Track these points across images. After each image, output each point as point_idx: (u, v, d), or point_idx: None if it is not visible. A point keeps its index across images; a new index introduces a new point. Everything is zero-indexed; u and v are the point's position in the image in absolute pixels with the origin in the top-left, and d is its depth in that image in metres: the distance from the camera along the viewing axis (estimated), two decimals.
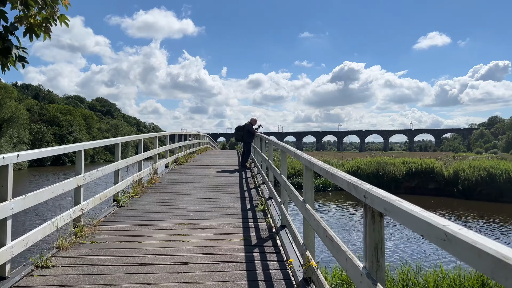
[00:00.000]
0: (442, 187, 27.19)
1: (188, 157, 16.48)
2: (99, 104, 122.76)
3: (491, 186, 24.69)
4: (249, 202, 6.97)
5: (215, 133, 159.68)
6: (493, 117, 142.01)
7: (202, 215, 5.99)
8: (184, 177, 10.68)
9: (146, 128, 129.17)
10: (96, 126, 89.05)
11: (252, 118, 13.61)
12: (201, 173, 11.71)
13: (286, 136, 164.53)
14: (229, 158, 18.14)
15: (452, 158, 36.23)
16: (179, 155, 14.77)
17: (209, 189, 8.50)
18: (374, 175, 29.02)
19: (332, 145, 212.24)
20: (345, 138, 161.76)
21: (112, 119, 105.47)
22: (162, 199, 7.29)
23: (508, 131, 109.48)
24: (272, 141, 6.75)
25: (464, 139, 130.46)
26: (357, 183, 1.96)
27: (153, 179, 9.49)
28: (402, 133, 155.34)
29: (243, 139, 13.39)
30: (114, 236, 4.79)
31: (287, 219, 4.60)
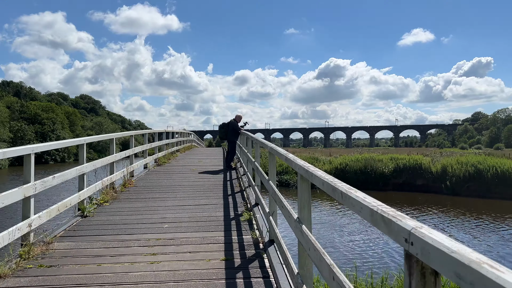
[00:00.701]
0: (430, 183, 26.94)
1: (170, 156, 15.61)
2: (83, 101, 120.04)
3: (479, 182, 24.50)
4: (233, 209, 6.20)
5: (202, 130, 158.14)
6: (477, 113, 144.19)
7: (178, 227, 5.21)
8: (163, 179, 9.85)
9: (131, 126, 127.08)
10: (80, 123, 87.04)
11: (237, 115, 12.77)
12: (182, 174, 10.87)
13: (273, 133, 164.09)
14: (214, 157, 17.28)
15: (440, 154, 36.09)
16: (160, 155, 13.91)
17: (189, 194, 7.72)
18: (362, 172, 28.64)
19: (319, 141, 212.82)
20: (332, 134, 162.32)
21: (97, 117, 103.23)
22: (134, 207, 6.49)
23: (491, 127, 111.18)
24: (259, 140, 6.01)
25: (449, 134, 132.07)
26: (390, 214, 1.23)
27: (127, 183, 8.61)
28: (388, 129, 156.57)
29: (228, 137, 12.61)
30: (69, 257, 4.00)
31: (276, 233, 3.86)
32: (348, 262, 10.37)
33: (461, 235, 15.24)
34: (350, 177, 28.49)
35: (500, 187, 23.65)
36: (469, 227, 16.93)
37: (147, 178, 10.05)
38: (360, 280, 6.40)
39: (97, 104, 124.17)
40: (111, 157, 7.92)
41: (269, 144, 4.56)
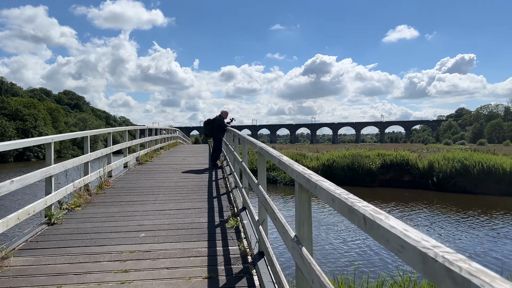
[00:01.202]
0: (417, 179, 26.91)
1: (152, 154, 14.93)
2: (66, 97, 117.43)
3: (465, 178, 24.52)
4: (219, 214, 5.62)
5: (188, 126, 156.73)
6: (460, 109, 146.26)
7: (157, 236, 4.63)
8: (144, 180, 9.20)
9: (116, 122, 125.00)
10: (63, 120, 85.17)
11: (223, 110, 12.13)
12: (165, 174, 10.24)
13: (260, 129, 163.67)
14: (199, 154, 16.60)
15: (426, 150, 36.17)
16: (141, 153, 13.20)
17: (171, 197, 7.10)
18: (349, 168, 28.42)
19: (306, 137, 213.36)
20: (318, 130, 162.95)
21: (80, 113, 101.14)
22: (109, 212, 5.88)
23: (474, 123, 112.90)
24: (247, 139, 5.44)
25: (433, 130, 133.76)
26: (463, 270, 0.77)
27: (104, 184, 7.97)
28: (374, 125, 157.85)
29: (213, 134, 11.98)
30: (25, 277, 3.40)
31: (267, 246, 3.33)
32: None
33: (448, 230, 15.08)
34: (337, 174, 28.26)
35: (486, 183, 23.69)
36: (456, 223, 16.81)
37: (127, 179, 9.42)
38: None
39: (81, 100, 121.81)
40: (85, 156, 7.25)
41: (259, 144, 3.96)
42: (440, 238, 13.92)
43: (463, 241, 13.59)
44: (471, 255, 11.94)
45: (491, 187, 23.56)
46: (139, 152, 13.05)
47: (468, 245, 13.11)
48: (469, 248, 12.64)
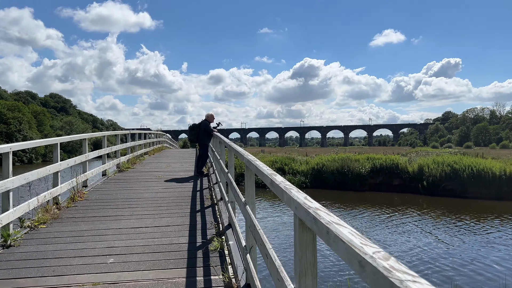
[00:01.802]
0: (407, 183, 26.70)
1: (135, 160, 14.18)
2: (53, 100, 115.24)
3: (455, 181, 24.36)
4: (201, 232, 5.01)
5: (176, 130, 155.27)
6: (447, 113, 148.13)
7: (128, 262, 3.96)
8: (122, 190, 8.49)
9: (103, 125, 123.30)
10: (49, 123, 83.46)
11: (208, 114, 11.25)
12: (146, 183, 9.54)
13: (249, 133, 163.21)
14: (185, 160, 15.90)
15: (415, 153, 36.04)
16: (122, 159, 12.44)
17: (150, 210, 6.44)
18: (339, 172, 28.04)
19: (294, 140, 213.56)
20: (307, 134, 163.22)
21: (67, 116, 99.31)
22: (77, 231, 5.20)
23: (461, 126, 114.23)
24: (233, 147, 4.73)
25: (421, 133, 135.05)
26: None
27: (77, 196, 7.22)
28: (362, 128, 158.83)
29: (199, 140, 11.21)
30: None
31: (254, 279, 2.74)
32: None
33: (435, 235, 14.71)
34: (327, 178, 27.84)
35: (476, 187, 23.53)
36: (447, 228, 16.48)
37: (103, 189, 8.70)
38: None
39: (67, 103, 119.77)
40: (53, 166, 6.45)
41: (247, 155, 3.39)
42: (430, 244, 13.53)
43: (455, 247, 13.22)
44: (464, 262, 11.56)
45: (481, 191, 23.39)
46: (119, 159, 12.28)
47: (460, 251, 12.73)
48: (460, 255, 12.26)
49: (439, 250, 12.73)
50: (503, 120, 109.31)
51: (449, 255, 12.25)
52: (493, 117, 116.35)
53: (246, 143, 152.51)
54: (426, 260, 11.63)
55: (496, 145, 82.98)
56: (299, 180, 28.12)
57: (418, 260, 11.55)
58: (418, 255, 12.09)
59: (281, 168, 30.04)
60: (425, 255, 12.11)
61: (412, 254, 12.24)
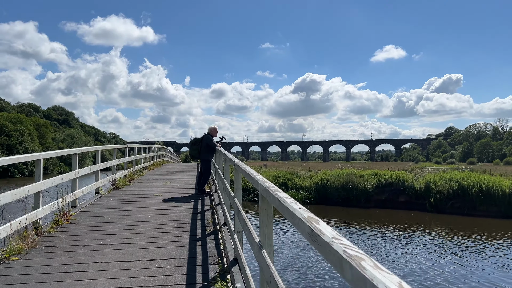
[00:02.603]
0: (413, 200, 26.14)
1: (132, 176, 13.50)
2: (55, 112, 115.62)
3: (463, 199, 23.81)
4: (201, 269, 4.34)
5: (178, 143, 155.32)
6: (450, 128, 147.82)
7: None
8: (114, 211, 7.65)
9: (105, 138, 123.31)
10: (50, 136, 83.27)
11: (211, 127, 10.48)
12: (141, 203, 8.69)
13: (251, 146, 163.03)
14: (185, 176, 15.22)
15: (421, 169, 35.54)
16: (118, 175, 11.69)
17: (143, 238, 5.65)
18: (344, 188, 27.52)
19: (296, 154, 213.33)
20: (309, 148, 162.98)
21: (69, 129, 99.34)
22: (53, 265, 4.45)
23: (464, 142, 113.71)
24: (244, 169, 3.82)
25: (423, 149, 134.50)
26: None
27: (62, 219, 6.40)
28: (364, 143, 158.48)
29: (201, 155, 10.31)
30: None
31: None
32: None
33: (447, 257, 14.14)
34: (331, 194, 27.34)
35: (485, 205, 23.00)
36: (457, 248, 15.91)
37: (94, 209, 7.89)
38: None
39: (70, 116, 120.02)
40: (33, 186, 5.60)
41: (262, 181, 2.58)
42: (445, 266, 12.97)
43: (471, 270, 12.64)
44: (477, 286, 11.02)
45: (491, 209, 22.86)
46: (115, 175, 11.50)
47: (476, 274, 12.16)
48: (477, 279, 11.70)
49: (455, 273, 12.17)
50: (506, 136, 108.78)
51: (465, 278, 11.71)
52: (496, 133, 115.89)
53: (248, 156, 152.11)
54: (444, 285, 11.08)
55: (500, 161, 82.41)
56: (302, 195, 27.63)
57: (436, 286, 11.01)
58: (434, 279, 11.55)
59: (284, 183, 29.58)
60: (441, 278, 11.57)
61: (428, 278, 11.69)
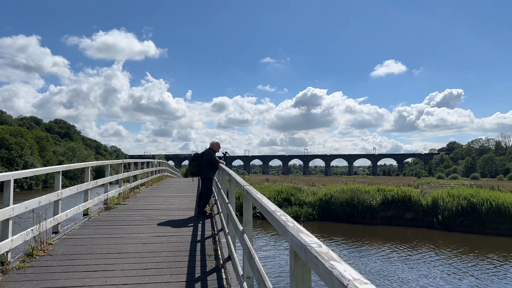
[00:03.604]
0: (420, 217, 25.43)
1: (128, 194, 12.51)
2: (57, 126, 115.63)
3: (472, 216, 23.07)
4: None
5: (180, 156, 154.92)
6: (452, 143, 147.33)
7: None
8: (101, 238, 6.62)
9: (106, 151, 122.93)
10: (51, 149, 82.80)
11: (213, 141, 9.51)
12: (134, 227, 7.71)
13: (252, 160, 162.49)
14: (185, 193, 14.23)
15: (427, 185, 34.86)
16: (111, 194, 10.67)
17: (129, 277, 4.70)
18: (348, 204, 26.80)
19: (298, 168, 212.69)
20: (311, 162, 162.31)
21: (70, 142, 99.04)
22: None
23: (466, 157, 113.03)
24: (257, 199, 2.97)
25: (425, 163, 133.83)
26: None
27: (37, 250, 5.49)
28: (366, 157, 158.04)
29: (201, 172, 9.29)
30: None
31: None
32: None
33: (462, 279, 13.40)
34: (335, 210, 26.61)
35: (496, 222, 22.27)
36: (469, 269, 15.15)
37: (78, 236, 6.79)
38: None
39: (71, 129, 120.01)
40: (1, 212, 4.85)
41: (296, 231, 1.82)
42: None
43: None
44: None
45: (501, 227, 22.13)
46: (107, 194, 10.47)
47: None
48: None
49: None
50: (509, 151, 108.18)
51: None
52: (499, 148, 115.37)
53: (249, 170, 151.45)
54: None
55: (504, 176, 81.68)
56: (306, 211, 26.94)
57: None
58: None
59: (287, 198, 28.90)
60: None
61: None
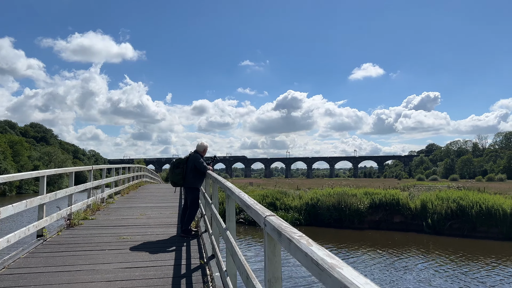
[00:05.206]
0: (409, 221, 25.01)
1: (98, 206, 10.77)
2: (33, 130, 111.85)
3: (462, 219, 22.73)
4: None
5: (160, 160, 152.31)
6: (431, 145, 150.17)
7: None
8: (50, 275, 4.94)
9: (85, 156, 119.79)
10: (26, 154, 79.67)
11: (200, 144, 7.85)
12: (98, 254, 5.95)
13: (235, 163, 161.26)
14: (166, 203, 12.62)
15: (414, 187, 34.60)
16: (75, 208, 8.96)
17: None
18: (335, 208, 26.17)
19: (280, 171, 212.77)
20: (293, 164, 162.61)
21: (46, 146, 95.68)
22: None
23: (445, 158, 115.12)
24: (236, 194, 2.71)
25: (405, 165, 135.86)
26: None
27: None
28: (347, 159, 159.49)
29: (186, 181, 7.54)
30: None
31: None
32: None
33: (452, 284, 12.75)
34: (322, 214, 25.92)
35: (486, 226, 21.94)
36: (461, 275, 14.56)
37: (21, 270, 5.14)
38: None
39: (48, 133, 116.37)
40: None
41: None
42: None
43: None
44: None
45: (492, 230, 21.83)
46: (70, 208, 8.68)
47: None
48: None
49: None
50: (486, 152, 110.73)
51: None
52: (476, 150, 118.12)
53: (232, 174, 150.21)
54: None
55: (482, 178, 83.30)
56: (292, 216, 26.15)
57: None
58: None
59: (272, 203, 28.03)
60: None
61: None
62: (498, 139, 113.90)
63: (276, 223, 1.64)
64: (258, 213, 1.97)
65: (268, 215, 1.84)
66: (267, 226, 1.79)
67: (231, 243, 2.74)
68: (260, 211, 1.99)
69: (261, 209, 2.04)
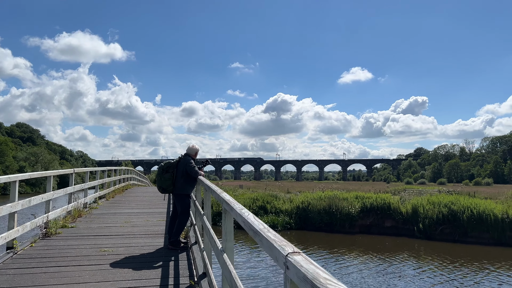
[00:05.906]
0: (400, 225, 24.68)
1: (79, 212, 9.94)
2: (19, 130, 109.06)
3: (453, 224, 22.50)
4: None
5: (149, 161, 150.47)
6: (419, 149, 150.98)
7: None
8: None
9: (72, 157, 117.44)
10: (11, 154, 77.52)
11: (191, 146, 7.25)
12: (75, 272, 5.25)
13: (225, 165, 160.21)
14: (153, 209, 11.92)
15: (404, 191, 34.45)
16: (52, 216, 8.06)
17: None
18: (326, 212, 25.72)
19: (269, 174, 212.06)
20: (282, 167, 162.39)
21: (33, 147, 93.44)
22: None
23: (433, 162, 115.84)
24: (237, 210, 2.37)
25: (394, 169, 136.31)
26: None
27: None
28: (336, 163, 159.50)
29: (175, 187, 6.90)
30: None
31: None
32: None
33: None
34: (313, 218, 25.49)
35: (477, 231, 21.75)
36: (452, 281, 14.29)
37: None
38: None
39: (35, 133, 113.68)
40: None
41: None
42: None
43: None
44: None
45: (483, 235, 21.63)
46: (47, 215, 7.81)
47: None
48: None
49: None
50: (473, 157, 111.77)
51: None
52: (463, 154, 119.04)
53: (221, 176, 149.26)
54: None
55: (469, 182, 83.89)
56: (282, 220, 25.69)
57: None
58: None
59: (263, 206, 27.53)
60: None
61: None
62: (485, 144, 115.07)
63: (308, 269, 1.09)
64: (274, 247, 1.43)
65: (291, 252, 1.26)
66: (290, 270, 1.29)
67: (229, 271, 2.19)
68: (277, 243, 1.44)
69: (278, 240, 1.49)
